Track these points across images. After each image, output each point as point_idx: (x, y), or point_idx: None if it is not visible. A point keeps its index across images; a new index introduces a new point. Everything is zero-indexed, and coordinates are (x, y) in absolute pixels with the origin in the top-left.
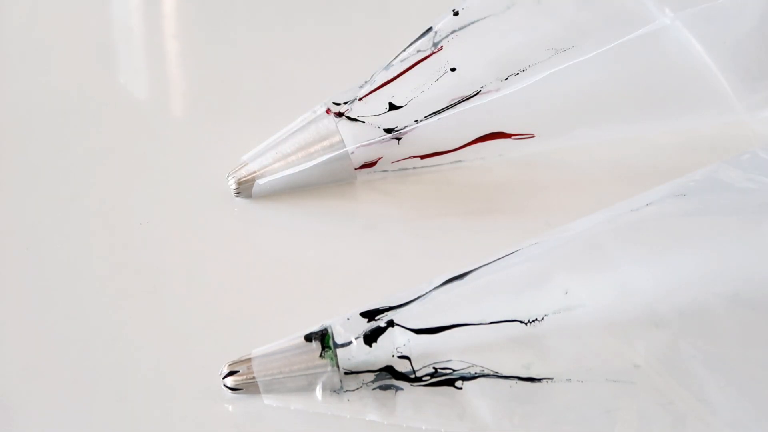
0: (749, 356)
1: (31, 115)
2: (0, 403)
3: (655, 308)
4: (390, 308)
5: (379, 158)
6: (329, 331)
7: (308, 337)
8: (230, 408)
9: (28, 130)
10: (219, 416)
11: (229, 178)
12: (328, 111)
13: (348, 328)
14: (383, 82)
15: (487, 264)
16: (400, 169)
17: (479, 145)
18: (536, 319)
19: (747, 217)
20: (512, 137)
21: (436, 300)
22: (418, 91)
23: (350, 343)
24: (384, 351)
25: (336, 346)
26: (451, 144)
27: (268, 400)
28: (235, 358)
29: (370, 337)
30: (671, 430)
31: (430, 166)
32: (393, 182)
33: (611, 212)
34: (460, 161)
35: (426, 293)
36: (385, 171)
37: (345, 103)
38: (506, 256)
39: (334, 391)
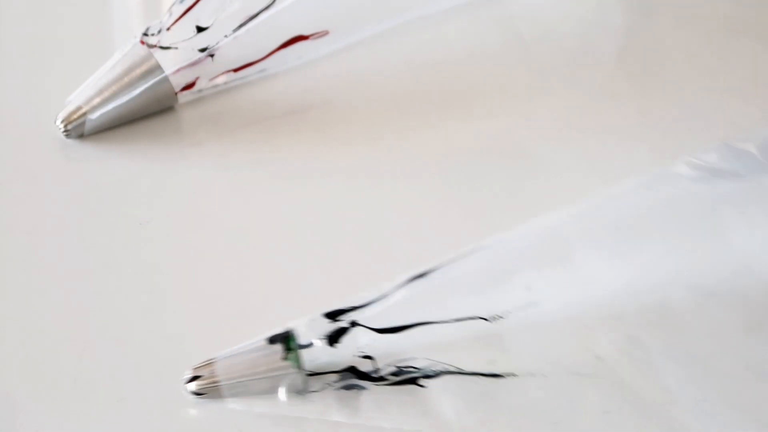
0: (710, 346)
1: None
2: None
3: (617, 301)
4: (353, 308)
5: (197, 78)
6: (292, 332)
7: (271, 340)
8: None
9: None
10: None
11: (57, 119)
12: (141, 42)
13: (311, 329)
14: (184, 10)
15: (450, 262)
16: (214, 87)
17: (282, 51)
18: (499, 316)
19: (707, 209)
20: (310, 38)
21: (399, 299)
22: (221, 11)
23: (313, 344)
24: (347, 351)
25: (299, 347)
26: (259, 53)
27: (231, 404)
28: (197, 363)
29: (333, 338)
30: (635, 420)
31: (241, 78)
32: (211, 102)
33: (573, 208)
34: (264, 70)
35: (388, 292)
36: (201, 90)
37: (153, 35)
38: (469, 253)
39: (298, 392)
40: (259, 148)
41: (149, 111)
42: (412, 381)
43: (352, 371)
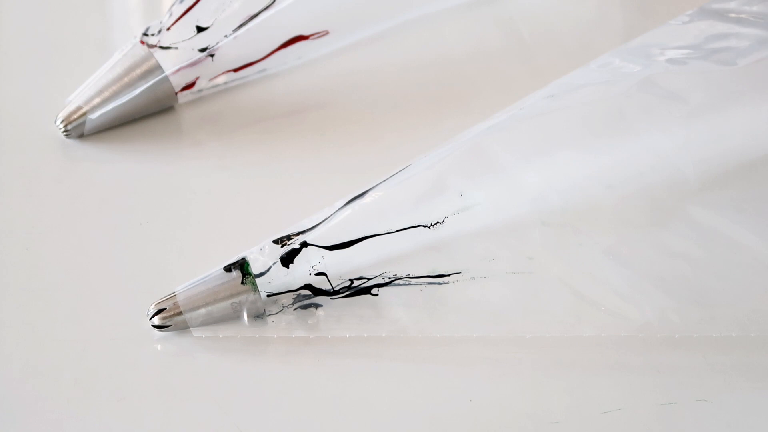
0: (627, 235)
1: None
2: None
3: (542, 200)
4: (300, 232)
5: (197, 78)
6: (246, 259)
7: (227, 268)
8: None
9: None
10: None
11: (57, 119)
12: (141, 42)
13: (264, 255)
14: (184, 10)
15: (384, 180)
16: (214, 87)
17: (282, 51)
18: (438, 222)
19: (610, 104)
20: (310, 38)
21: (343, 218)
22: (221, 11)
23: (269, 267)
24: (301, 270)
25: (255, 272)
26: (259, 53)
27: (197, 333)
28: (159, 298)
29: (287, 259)
30: (571, 306)
31: (241, 78)
32: (211, 102)
33: (490, 120)
34: (264, 70)
35: (331, 215)
36: (201, 90)
37: (153, 35)
38: (399, 171)
39: (259, 315)
40: (259, 148)
41: (149, 111)
42: (366, 291)
43: (308, 288)
